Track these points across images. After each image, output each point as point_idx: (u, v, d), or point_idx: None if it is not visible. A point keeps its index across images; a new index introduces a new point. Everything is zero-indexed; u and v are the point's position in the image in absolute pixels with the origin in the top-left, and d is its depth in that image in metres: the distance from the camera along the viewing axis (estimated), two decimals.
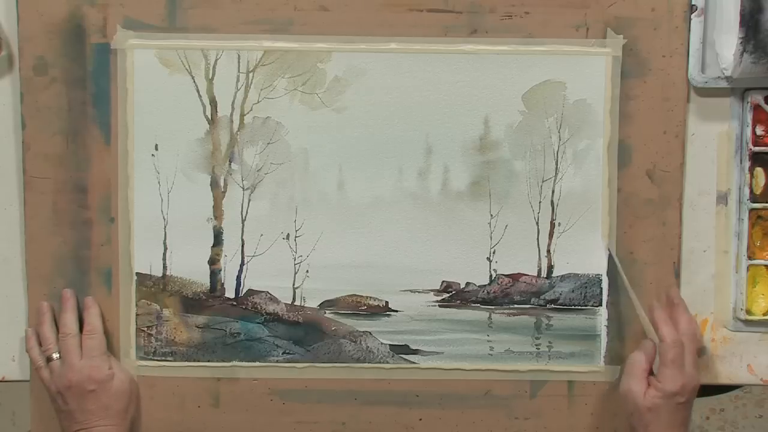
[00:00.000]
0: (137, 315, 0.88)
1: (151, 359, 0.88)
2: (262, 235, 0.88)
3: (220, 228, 0.87)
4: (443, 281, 0.88)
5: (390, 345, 0.89)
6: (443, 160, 0.87)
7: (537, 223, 0.88)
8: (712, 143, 0.88)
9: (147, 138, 0.87)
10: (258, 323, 0.88)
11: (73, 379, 0.83)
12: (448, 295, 0.88)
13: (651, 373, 0.83)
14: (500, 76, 0.86)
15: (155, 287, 0.88)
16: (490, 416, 0.90)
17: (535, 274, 0.88)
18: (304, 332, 0.88)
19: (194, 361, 0.88)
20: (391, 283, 0.88)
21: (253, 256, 0.88)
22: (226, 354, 0.88)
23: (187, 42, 0.86)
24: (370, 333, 0.89)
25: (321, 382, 0.89)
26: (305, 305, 0.88)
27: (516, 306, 0.89)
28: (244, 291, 0.88)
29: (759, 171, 0.88)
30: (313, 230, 0.87)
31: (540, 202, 0.88)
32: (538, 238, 0.88)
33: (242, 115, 0.87)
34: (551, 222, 0.88)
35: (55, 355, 0.84)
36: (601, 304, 0.88)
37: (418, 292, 0.88)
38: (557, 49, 0.86)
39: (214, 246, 0.88)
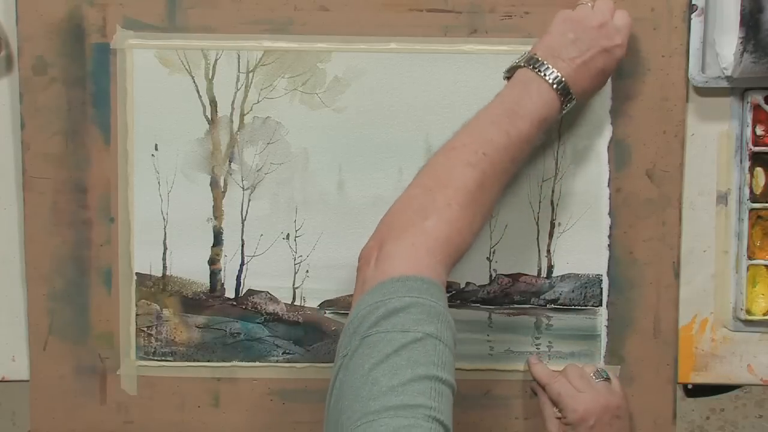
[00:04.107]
0: (137, 315, 0.88)
1: (151, 359, 0.88)
2: (262, 235, 0.87)
3: (220, 228, 0.87)
4: None
5: None
6: None
7: (537, 223, 0.88)
8: (712, 143, 0.88)
9: (147, 138, 0.87)
10: (258, 323, 0.88)
11: None
12: (448, 294, 0.88)
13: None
14: (500, 76, 0.86)
15: (155, 287, 0.88)
16: (490, 416, 0.90)
17: (535, 274, 0.88)
18: (304, 332, 0.88)
19: (194, 361, 0.88)
20: None
21: (253, 256, 0.88)
22: (226, 354, 0.88)
23: (187, 42, 0.86)
24: None
25: (321, 382, 0.89)
26: (305, 305, 0.88)
27: (516, 306, 0.89)
28: (244, 291, 0.88)
29: (759, 171, 0.88)
30: (313, 230, 0.87)
31: (540, 201, 0.88)
32: (538, 238, 0.88)
33: (242, 115, 0.87)
34: (551, 222, 0.88)
35: None
36: (601, 304, 0.88)
37: None
38: None
39: (214, 246, 0.88)
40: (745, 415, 1.72)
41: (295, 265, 0.88)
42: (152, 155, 0.87)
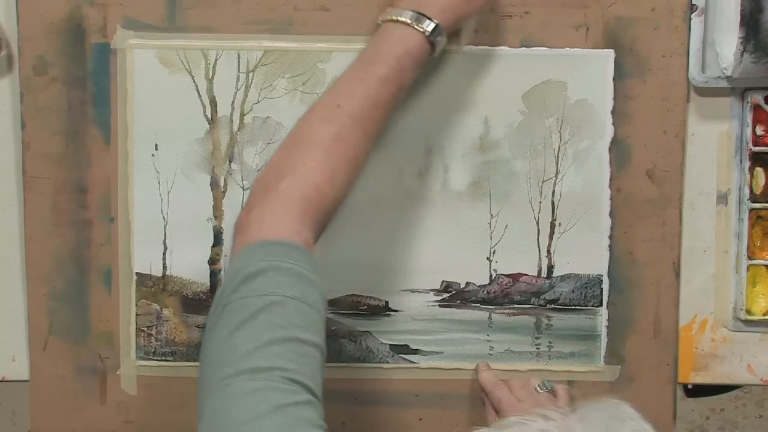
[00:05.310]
0: (137, 315, 0.88)
1: (151, 359, 0.88)
2: None
3: (220, 228, 0.87)
4: (443, 281, 0.88)
5: (390, 345, 0.89)
6: (443, 160, 0.87)
7: (537, 223, 0.88)
8: (712, 143, 0.88)
9: (147, 138, 0.86)
10: None
11: None
12: (448, 295, 0.88)
13: None
14: (500, 76, 0.86)
15: (155, 287, 0.88)
16: None
17: (535, 274, 0.88)
18: None
19: (194, 361, 0.88)
20: (391, 283, 0.88)
21: None
22: None
23: (187, 42, 0.86)
24: (370, 333, 0.89)
25: None
26: None
27: (516, 306, 0.89)
28: None
29: (759, 171, 0.88)
30: None
31: (540, 202, 0.88)
32: (538, 238, 0.88)
33: (242, 115, 0.87)
34: (551, 222, 0.88)
35: None
36: (601, 304, 0.88)
37: (418, 292, 0.88)
38: (557, 48, 0.86)
39: (214, 246, 0.88)
40: (745, 415, 1.72)
41: None
42: (152, 155, 0.87)
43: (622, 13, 0.86)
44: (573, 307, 0.88)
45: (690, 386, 0.92)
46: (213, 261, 0.88)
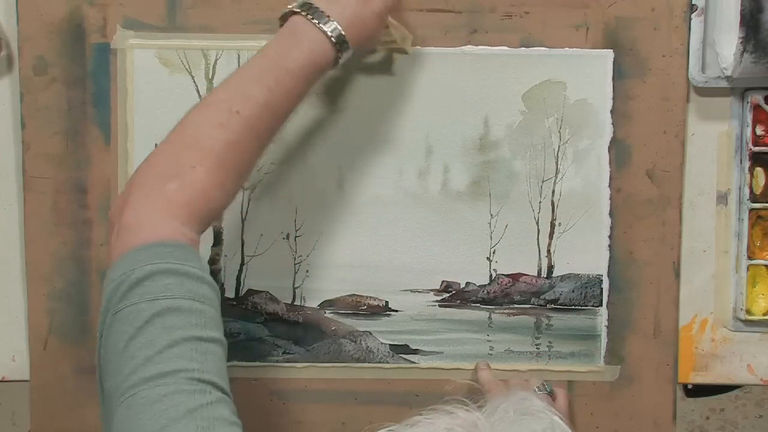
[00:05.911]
0: None
1: None
2: (261, 235, 0.87)
3: (219, 228, 0.87)
4: (443, 281, 0.88)
5: (390, 345, 0.89)
6: (443, 160, 0.87)
7: (537, 223, 0.88)
8: (712, 143, 0.88)
9: (147, 138, 0.86)
10: (258, 323, 0.88)
11: None
12: (448, 295, 0.88)
13: None
14: (500, 76, 0.86)
15: None
16: None
17: (535, 274, 0.88)
18: (303, 332, 0.88)
19: None
20: (391, 283, 0.88)
21: (253, 256, 0.88)
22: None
23: (187, 42, 0.86)
24: (370, 333, 0.89)
25: (321, 382, 0.89)
26: (305, 305, 0.88)
27: (516, 306, 0.89)
28: (244, 291, 0.88)
29: (759, 171, 0.88)
30: (313, 230, 0.87)
31: (540, 202, 0.88)
32: (538, 238, 0.88)
33: None
34: (551, 222, 0.88)
35: None
36: (601, 304, 0.88)
37: (418, 292, 0.88)
38: (557, 48, 0.86)
39: (214, 246, 0.88)
40: (745, 415, 1.72)
41: (295, 265, 0.88)
42: None
43: (622, 13, 0.86)
44: (573, 307, 0.88)
45: (690, 386, 0.92)
46: (213, 261, 0.88)
